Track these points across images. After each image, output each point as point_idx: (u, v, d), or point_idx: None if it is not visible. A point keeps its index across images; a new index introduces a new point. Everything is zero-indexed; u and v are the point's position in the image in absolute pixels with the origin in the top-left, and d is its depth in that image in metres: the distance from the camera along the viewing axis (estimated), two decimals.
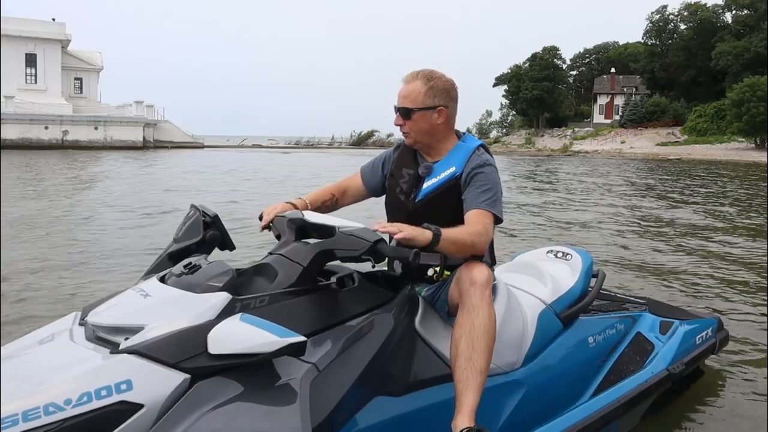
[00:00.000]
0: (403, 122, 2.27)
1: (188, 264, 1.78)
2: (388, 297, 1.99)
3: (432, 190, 2.27)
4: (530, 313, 2.35)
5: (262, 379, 1.56)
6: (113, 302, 1.76)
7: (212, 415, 1.44)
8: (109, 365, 1.49)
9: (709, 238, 8.39)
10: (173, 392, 1.48)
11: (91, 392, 1.41)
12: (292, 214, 2.06)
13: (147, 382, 1.47)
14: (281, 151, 48.48)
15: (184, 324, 1.57)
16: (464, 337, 1.98)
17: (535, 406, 2.25)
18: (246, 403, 1.49)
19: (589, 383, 2.54)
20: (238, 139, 71.80)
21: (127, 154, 36.11)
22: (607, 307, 2.87)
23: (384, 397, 1.86)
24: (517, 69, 66.02)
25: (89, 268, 5.94)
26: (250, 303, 1.69)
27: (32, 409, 1.37)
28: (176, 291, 1.69)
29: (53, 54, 46.86)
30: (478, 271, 2.07)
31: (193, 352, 1.53)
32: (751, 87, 41.10)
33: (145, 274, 2.01)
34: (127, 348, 1.52)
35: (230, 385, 1.51)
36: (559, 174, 23.70)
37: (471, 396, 1.91)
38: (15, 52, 44.79)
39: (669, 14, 59.96)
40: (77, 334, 1.68)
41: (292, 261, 1.86)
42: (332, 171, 21.77)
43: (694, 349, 3.03)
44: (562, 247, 2.93)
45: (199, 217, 2.10)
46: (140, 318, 1.61)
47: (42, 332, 1.78)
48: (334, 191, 2.47)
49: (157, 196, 12.86)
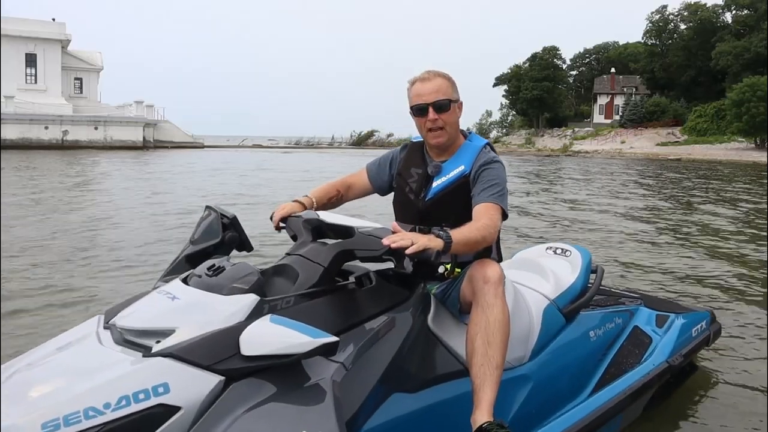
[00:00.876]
0: (437, 116, 2.27)
1: (212, 266, 1.78)
2: (405, 295, 2.02)
3: (442, 189, 2.31)
4: (535, 309, 2.39)
5: (293, 379, 1.57)
6: (139, 305, 1.76)
7: (248, 417, 1.46)
8: (145, 368, 1.50)
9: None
10: (209, 394, 1.49)
11: (129, 396, 1.43)
12: (308, 215, 2.09)
13: (183, 384, 1.48)
14: (282, 151, 48.47)
15: (216, 326, 1.58)
16: (480, 333, 2.02)
17: (542, 398, 2.30)
18: (280, 403, 1.51)
19: (591, 376, 2.60)
20: (238, 139, 71.78)
21: (129, 154, 36.13)
22: (604, 301, 2.93)
23: (401, 393, 1.89)
24: (517, 69, 66.01)
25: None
26: (277, 304, 1.71)
27: (73, 414, 1.38)
28: (203, 293, 1.70)
29: (53, 54, 46.87)
30: (491, 269, 2.11)
31: (226, 354, 1.54)
32: (751, 87, 41.07)
33: (162, 276, 2.01)
34: (161, 351, 1.53)
35: (263, 386, 1.53)
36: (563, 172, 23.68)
37: (489, 391, 1.95)
38: (15, 52, 44.80)
39: (669, 14, 59.96)
40: (105, 337, 1.68)
41: (313, 261, 1.87)
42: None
43: (690, 341, 3.11)
44: (561, 244, 2.97)
45: (216, 218, 2.10)
46: (170, 321, 1.62)
47: (67, 336, 1.78)
48: (339, 187, 2.50)
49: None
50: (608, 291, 3.17)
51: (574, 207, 12.32)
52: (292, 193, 3.38)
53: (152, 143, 46.19)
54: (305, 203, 2.31)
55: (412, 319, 1.96)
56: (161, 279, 1.97)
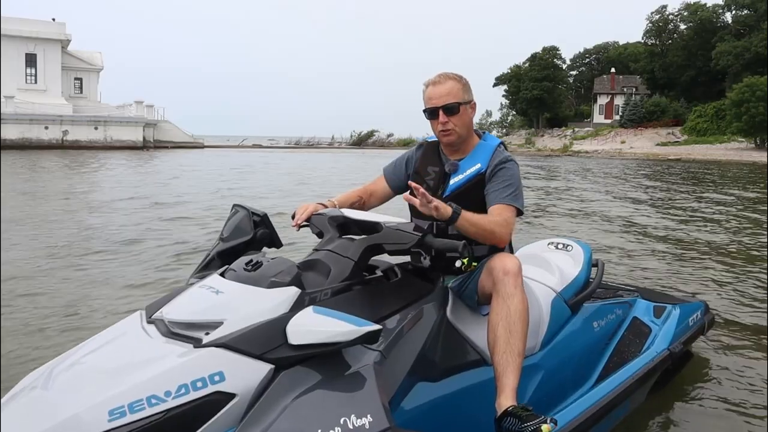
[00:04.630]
0: (447, 119, 2.35)
1: (249, 261, 1.86)
2: (429, 288, 2.11)
3: (459, 186, 2.40)
4: (543, 301, 2.48)
5: (337, 367, 1.65)
6: (183, 300, 1.83)
7: (298, 403, 1.54)
8: (200, 358, 1.56)
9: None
10: (261, 382, 1.57)
11: (188, 384, 1.50)
12: (332, 212, 2.19)
13: (237, 372, 1.56)
14: (282, 151, 48.51)
15: (263, 317, 1.66)
16: (501, 322, 2.10)
17: (551, 386, 2.41)
18: (327, 390, 1.59)
19: (596, 365, 2.72)
20: (238, 139, 71.84)
21: (137, 154, 36.15)
22: (604, 294, 3.04)
23: (425, 382, 1.97)
24: (517, 69, 66.03)
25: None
26: (316, 296, 1.79)
27: (137, 401, 1.46)
28: (246, 287, 1.77)
29: (53, 54, 46.88)
30: (510, 261, 2.20)
31: (274, 343, 1.62)
32: (750, 87, 41.08)
33: (194, 272, 2.08)
34: (214, 341, 1.60)
35: (310, 374, 1.61)
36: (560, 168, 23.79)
37: (512, 377, 2.03)
38: (15, 52, 44.82)
39: (669, 14, 60.04)
40: (151, 331, 1.74)
41: (343, 256, 1.95)
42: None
43: (688, 330, 3.27)
44: (562, 239, 3.08)
45: (247, 216, 2.17)
46: (218, 313, 1.69)
47: (110, 332, 1.83)
48: (361, 194, 2.60)
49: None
50: (606, 285, 3.27)
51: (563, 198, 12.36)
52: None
53: (152, 143, 46.17)
54: (327, 205, 2.38)
55: (437, 311, 2.05)
56: (194, 275, 2.05)
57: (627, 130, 54.56)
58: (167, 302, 1.84)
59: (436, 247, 1.96)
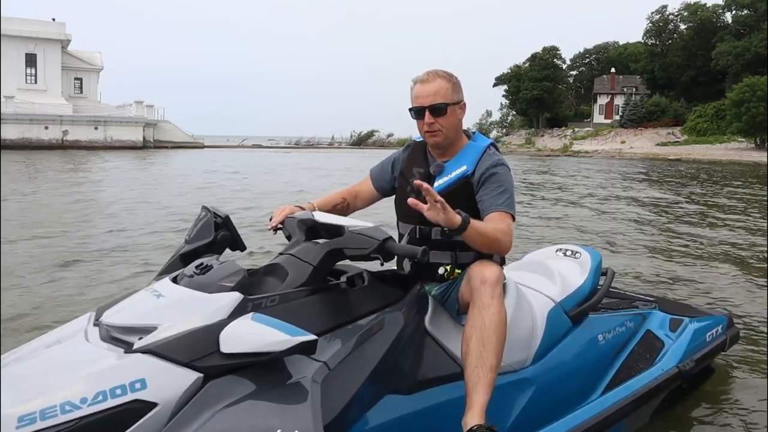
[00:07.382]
0: (434, 120, 2.25)
1: (200, 264, 1.80)
2: (398, 296, 2.00)
3: (443, 189, 2.27)
4: (539, 311, 2.35)
5: (274, 377, 1.57)
6: (126, 303, 1.78)
7: (224, 414, 1.46)
8: (124, 364, 1.51)
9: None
10: (186, 391, 1.49)
11: (107, 391, 1.43)
12: (302, 215, 2.09)
13: (160, 381, 1.48)
14: (283, 151, 48.43)
15: (197, 323, 1.59)
16: (475, 334, 1.99)
17: (544, 403, 2.25)
18: (258, 401, 1.51)
19: (599, 381, 2.54)
20: (238, 139, 71.69)
21: (138, 154, 36.13)
22: (616, 305, 2.87)
23: (395, 395, 1.88)
24: (517, 69, 65.98)
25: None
26: (261, 302, 1.71)
27: (49, 408, 1.39)
28: (188, 291, 1.71)
29: (53, 54, 46.81)
30: (489, 270, 2.08)
31: (205, 351, 1.54)
32: (750, 87, 41.06)
33: (157, 275, 2.01)
34: (141, 347, 1.54)
35: (242, 384, 1.53)
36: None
37: (482, 393, 1.91)
38: (15, 52, 44.72)
39: (669, 14, 59.98)
40: (92, 334, 1.70)
41: (302, 261, 1.88)
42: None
43: (704, 346, 3.02)
44: (571, 246, 2.92)
45: (210, 218, 2.11)
46: (153, 318, 1.63)
47: (58, 332, 1.80)
48: (345, 195, 2.49)
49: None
50: (622, 294, 3.11)
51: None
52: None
53: (152, 143, 46.10)
54: (307, 208, 2.29)
55: (404, 319, 1.93)
56: (156, 278, 1.98)
57: (627, 130, 54.52)
58: (115, 305, 1.79)
59: (396, 253, 1.88)
